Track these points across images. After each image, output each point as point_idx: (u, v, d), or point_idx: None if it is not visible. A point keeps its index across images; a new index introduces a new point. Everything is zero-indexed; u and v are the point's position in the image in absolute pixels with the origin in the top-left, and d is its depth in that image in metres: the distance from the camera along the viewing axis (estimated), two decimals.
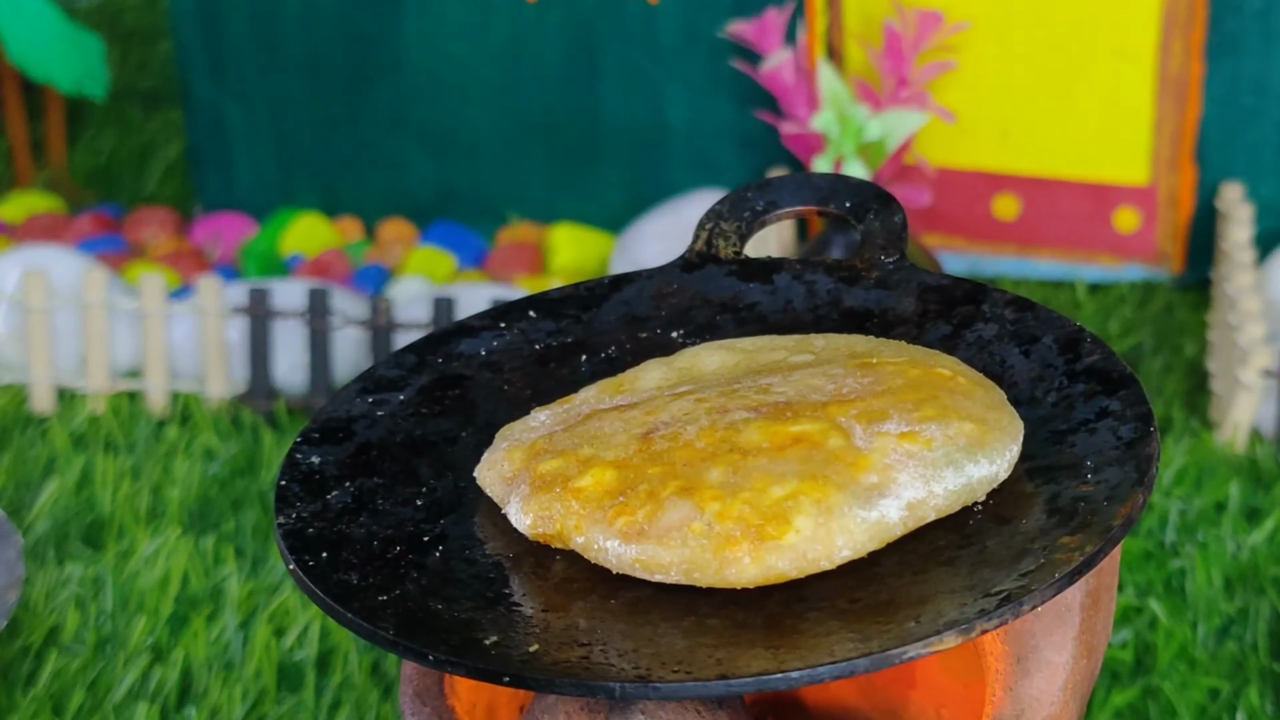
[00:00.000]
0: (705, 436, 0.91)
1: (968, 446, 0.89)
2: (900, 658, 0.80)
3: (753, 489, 0.88)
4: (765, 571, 0.86)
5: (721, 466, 0.89)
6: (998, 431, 0.90)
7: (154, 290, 1.89)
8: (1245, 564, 1.58)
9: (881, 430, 0.90)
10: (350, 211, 2.24)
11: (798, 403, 0.93)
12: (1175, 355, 1.95)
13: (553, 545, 0.91)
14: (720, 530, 0.87)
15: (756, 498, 0.87)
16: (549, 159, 2.18)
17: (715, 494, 0.88)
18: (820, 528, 0.86)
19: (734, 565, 0.86)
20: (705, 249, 1.08)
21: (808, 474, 0.88)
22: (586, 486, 0.90)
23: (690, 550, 0.87)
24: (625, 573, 0.88)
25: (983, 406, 0.92)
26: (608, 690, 0.81)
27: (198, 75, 2.22)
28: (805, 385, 0.94)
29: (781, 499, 0.87)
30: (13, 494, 1.74)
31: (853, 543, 0.86)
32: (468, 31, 2.14)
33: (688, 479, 0.89)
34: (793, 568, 0.86)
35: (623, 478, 0.90)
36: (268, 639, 1.51)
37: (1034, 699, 0.95)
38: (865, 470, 0.88)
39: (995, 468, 0.90)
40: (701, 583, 0.87)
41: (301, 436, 0.98)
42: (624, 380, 0.99)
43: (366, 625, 0.86)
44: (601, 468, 0.91)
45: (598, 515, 0.89)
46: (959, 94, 2.03)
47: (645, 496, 0.89)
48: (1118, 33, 2.00)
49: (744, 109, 2.09)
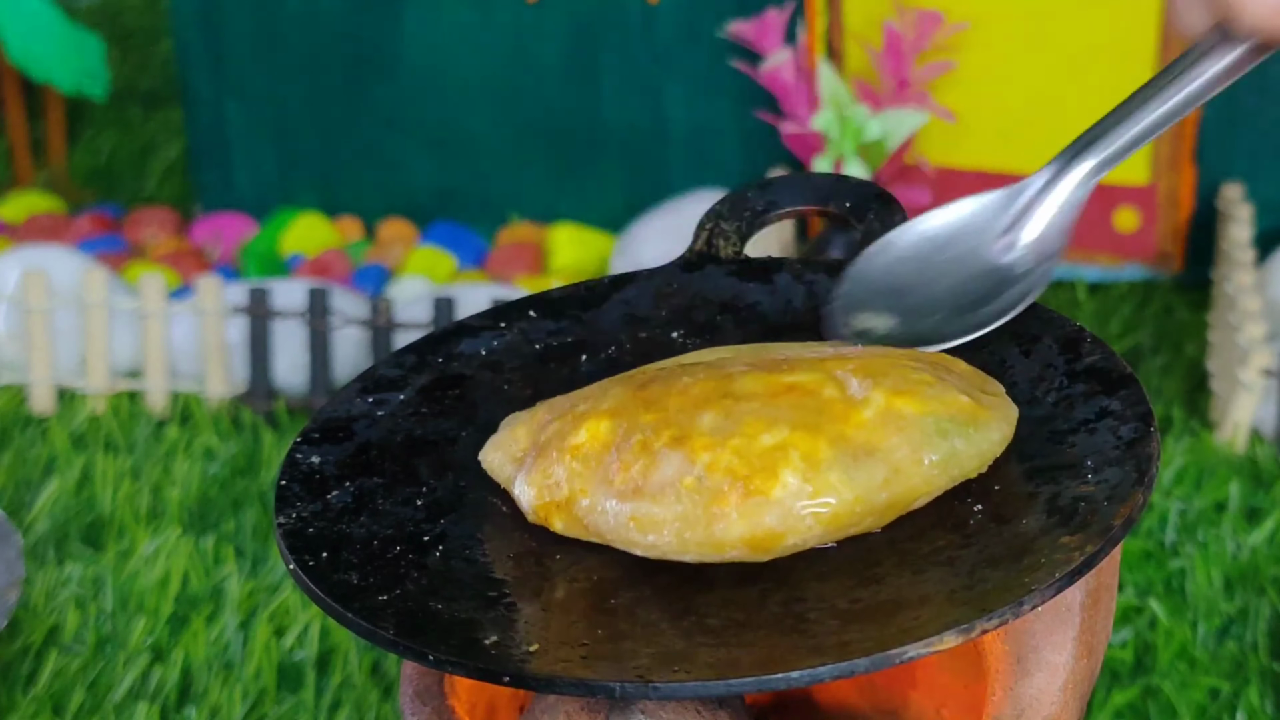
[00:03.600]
0: (700, 385, 0.91)
1: (959, 419, 0.90)
2: (900, 658, 0.80)
3: (743, 434, 0.88)
4: (753, 528, 0.86)
5: (714, 411, 0.89)
6: (990, 411, 0.91)
7: (154, 290, 1.89)
8: (1245, 564, 1.58)
9: (878, 385, 0.90)
10: (350, 211, 2.24)
11: (795, 359, 0.93)
12: (1175, 355, 1.95)
13: (554, 523, 0.91)
14: (710, 484, 0.87)
15: (746, 445, 0.88)
16: (549, 159, 2.18)
17: (706, 442, 0.88)
18: (807, 482, 0.87)
19: (722, 521, 0.87)
20: (705, 249, 1.08)
21: (800, 422, 0.88)
22: (583, 443, 0.91)
23: (683, 506, 0.87)
24: (620, 534, 0.89)
25: (978, 389, 0.92)
26: (608, 690, 0.81)
27: (198, 75, 2.22)
28: (808, 348, 0.95)
29: (771, 448, 0.87)
30: (13, 494, 1.74)
31: (838, 500, 0.87)
32: (468, 31, 2.14)
33: (680, 426, 0.89)
34: (779, 524, 0.86)
35: (616, 427, 0.90)
36: (268, 639, 1.51)
37: (1034, 699, 0.95)
38: (856, 426, 0.89)
39: (985, 445, 0.90)
40: (692, 542, 0.87)
41: (301, 436, 0.98)
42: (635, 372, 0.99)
43: (366, 625, 0.86)
44: (596, 419, 0.91)
45: (598, 474, 0.89)
46: (959, 94, 2.03)
47: (639, 449, 0.89)
48: (1118, 33, 2.00)
49: (744, 109, 2.09)
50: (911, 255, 1.01)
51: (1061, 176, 1.00)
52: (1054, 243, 1.00)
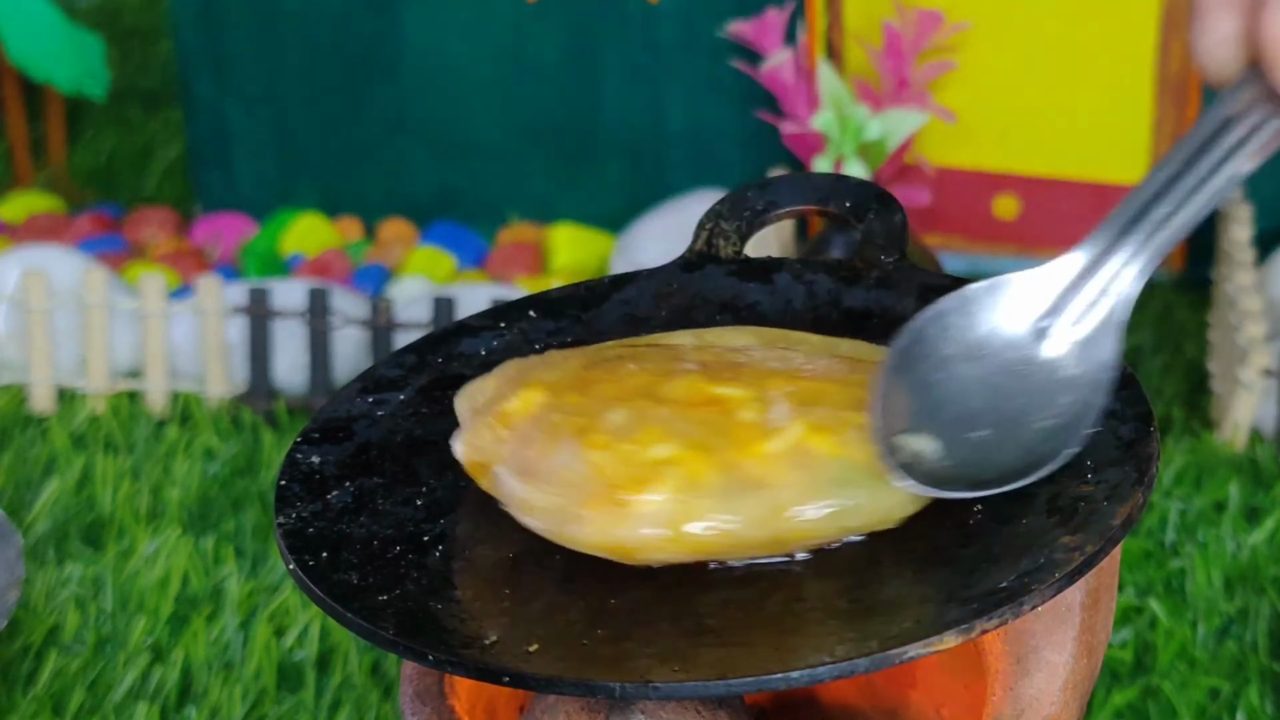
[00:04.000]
0: (635, 378, 0.90)
1: (870, 469, 0.87)
2: (900, 658, 0.80)
3: (638, 441, 0.86)
4: (603, 537, 0.86)
5: (628, 409, 0.88)
6: None
7: (154, 290, 1.89)
8: (1245, 564, 1.58)
9: (802, 416, 0.87)
10: (350, 211, 2.24)
11: (749, 366, 0.91)
12: (1175, 355, 1.95)
13: (481, 483, 0.91)
14: (584, 483, 0.86)
15: (635, 452, 0.86)
16: (549, 159, 2.18)
17: (603, 440, 0.87)
18: (676, 505, 0.85)
19: (578, 523, 0.86)
20: (705, 249, 1.08)
21: (699, 441, 0.86)
22: (514, 410, 0.90)
23: (557, 498, 0.87)
24: (514, 510, 0.88)
25: None
26: (608, 690, 0.81)
27: (198, 75, 2.22)
28: (780, 355, 0.92)
29: (656, 461, 0.86)
30: (13, 494, 1.74)
31: (705, 527, 0.85)
32: (468, 31, 2.14)
33: (591, 417, 0.88)
34: (633, 538, 0.85)
35: (546, 401, 0.89)
36: (268, 639, 1.51)
37: (1034, 699, 0.95)
38: (754, 456, 0.86)
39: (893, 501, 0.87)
40: (557, 535, 0.87)
41: (301, 436, 0.98)
42: None
43: (366, 625, 0.86)
44: (533, 389, 0.90)
45: (512, 445, 0.89)
46: (959, 94, 2.03)
47: (549, 430, 0.88)
48: (1118, 33, 2.00)
49: (744, 109, 2.09)
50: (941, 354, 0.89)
51: (1105, 262, 0.87)
52: (1107, 348, 0.87)
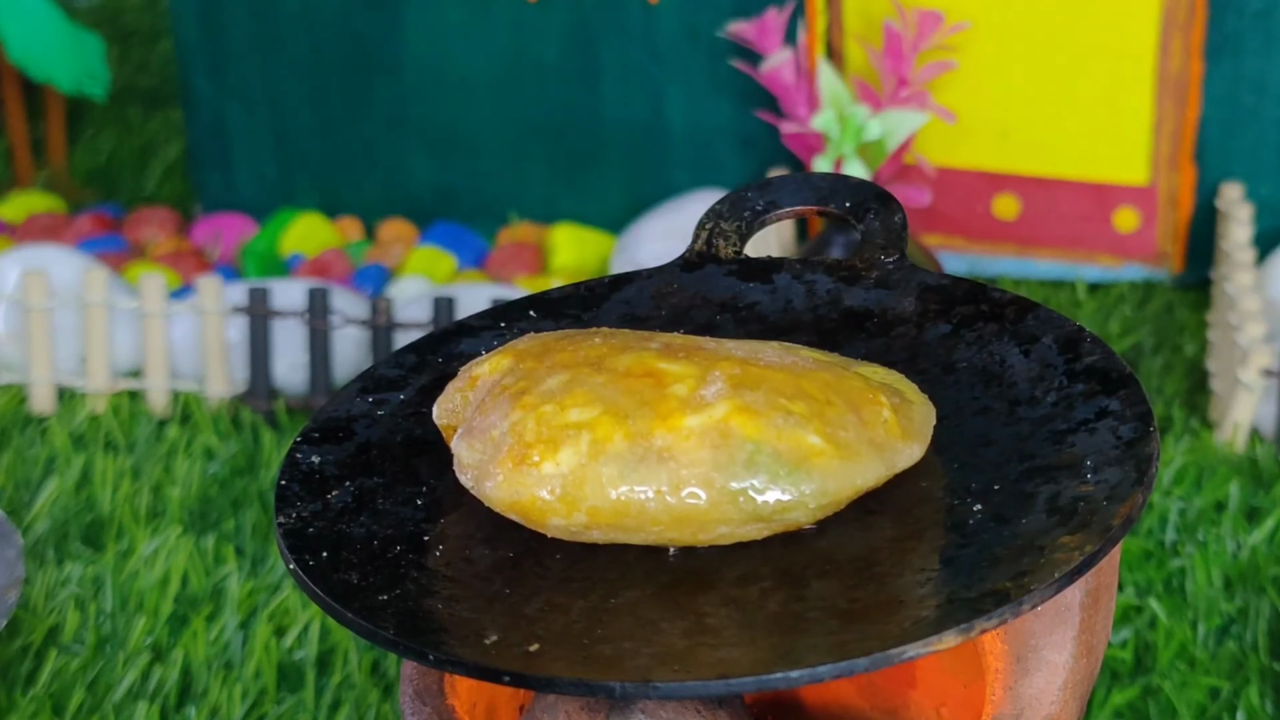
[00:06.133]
0: (593, 349, 0.90)
1: (784, 458, 0.86)
2: (900, 657, 0.80)
3: (560, 404, 0.87)
4: (513, 494, 0.87)
5: (568, 375, 0.88)
6: (840, 463, 0.86)
7: (154, 290, 1.89)
8: (1245, 564, 1.58)
9: (733, 396, 0.86)
10: (350, 211, 2.24)
11: (707, 350, 0.90)
12: (1175, 355, 1.95)
13: (451, 443, 0.92)
14: (505, 441, 0.87)
15: (554, 414, 0.87)
16: (549, 159, 2.18)
17: (531, 402, 0.87)
18: (582, 468, 0.85)
19: (491, 480, 0.87)
20: (705, 249, 1.08)
21: (618, 409, 0.86)
22: (480, 375, 0.92)
23: (481, 455, 0.88)
24: (458, 468, 0.89)
25: (862, 441, 0.87)
26: (608, 690, 0.81)
27: (198, 75, 2.22)
28: (744, 345, 0.92)
29: (571, 424, 0.86)
30: (13, 494, 1.74)
31: (601, 495, 0.86)
32: (468, 31, 2.14)
33: (534, 380, 0.89)
34: (538, 500, 0.86)
35: (508, 368, 0.91)
36: (268, 639, 1.51)
37: (1034, 698, 0.95)
38: (670, 430, 0.86)
39: (805, 493, 0.86)
40: (476, 493, 0.88)
41: (301, 436, 0.98)
42: None
43: (366, 625, 0.86)
44: (502, 355, 0.92)
45: (470, 407, 0.91)
46: (959, 94, 2.03)
47: (496, 392, 0.89)
48: (1118, 33, 2.00)
49: (744, 109, 2.09)
50: None
51: None
52: None
